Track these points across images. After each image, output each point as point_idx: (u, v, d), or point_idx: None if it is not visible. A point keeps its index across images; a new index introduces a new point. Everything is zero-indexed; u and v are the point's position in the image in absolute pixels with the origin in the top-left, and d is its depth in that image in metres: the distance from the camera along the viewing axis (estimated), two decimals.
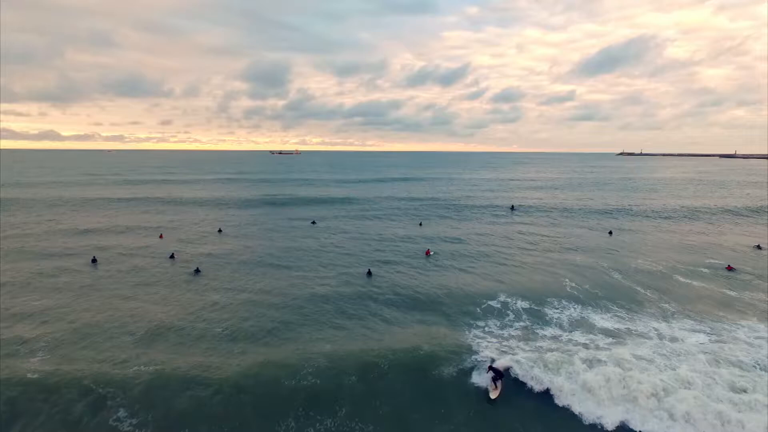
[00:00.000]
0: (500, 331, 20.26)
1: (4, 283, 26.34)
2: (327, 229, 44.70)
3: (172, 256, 32.69)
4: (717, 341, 19.19)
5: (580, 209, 59.12)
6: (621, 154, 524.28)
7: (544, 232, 44.34)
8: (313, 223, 47.77)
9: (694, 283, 27.79)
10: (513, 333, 20.12)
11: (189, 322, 21.08)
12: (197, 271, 29.25)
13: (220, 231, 42.94)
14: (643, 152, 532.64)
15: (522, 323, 21.27)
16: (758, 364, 16.91)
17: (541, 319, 21.75)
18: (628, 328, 20.81)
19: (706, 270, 30.31)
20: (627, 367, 16.30)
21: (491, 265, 31.77)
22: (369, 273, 28.91)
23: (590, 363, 16.73)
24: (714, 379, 15.79)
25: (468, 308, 22.98)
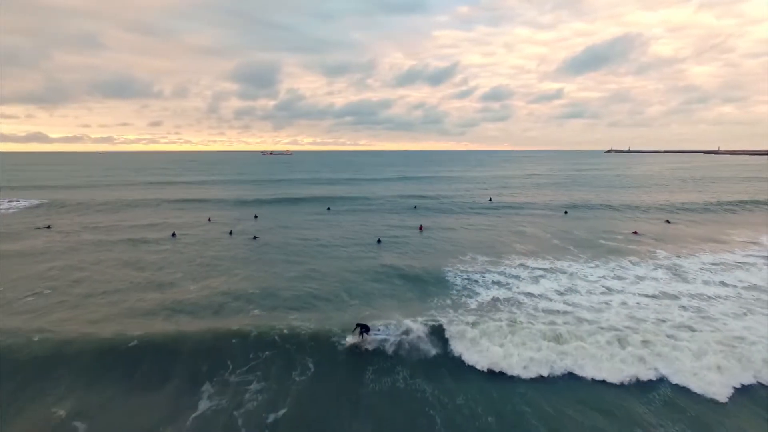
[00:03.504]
0: (465, 267, 31.92)
1: (135, 262, 34.14)
2: (339, 217, 55.77)
3: (230, 233, 43.59)
4: (611, 275, 30.61)
5: (548, 201, 70.82)
6: (609, 151, 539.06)
7: (513, 217, 55.83)
8: (329, 209, 59.01)
9: (609, 243, 39.59)
10: (473, 268, 31.53)
11: (265, 281, 31.61)
12: (255, 237, 40.81)
13: (255, 217, 54.11)
14: (631, 149, 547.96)
15: (481, 266, 32.43)
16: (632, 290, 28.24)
17: (493, 265, 32.89)
18: (551, 267, 32.12)
19: (620, 236, 42.11)
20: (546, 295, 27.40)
21: (466, 237, 43.11)
22: (379, 241, 40.05)
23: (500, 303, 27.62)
24: (609, 304, 25.23)
25: (447, 260, 34.08)
